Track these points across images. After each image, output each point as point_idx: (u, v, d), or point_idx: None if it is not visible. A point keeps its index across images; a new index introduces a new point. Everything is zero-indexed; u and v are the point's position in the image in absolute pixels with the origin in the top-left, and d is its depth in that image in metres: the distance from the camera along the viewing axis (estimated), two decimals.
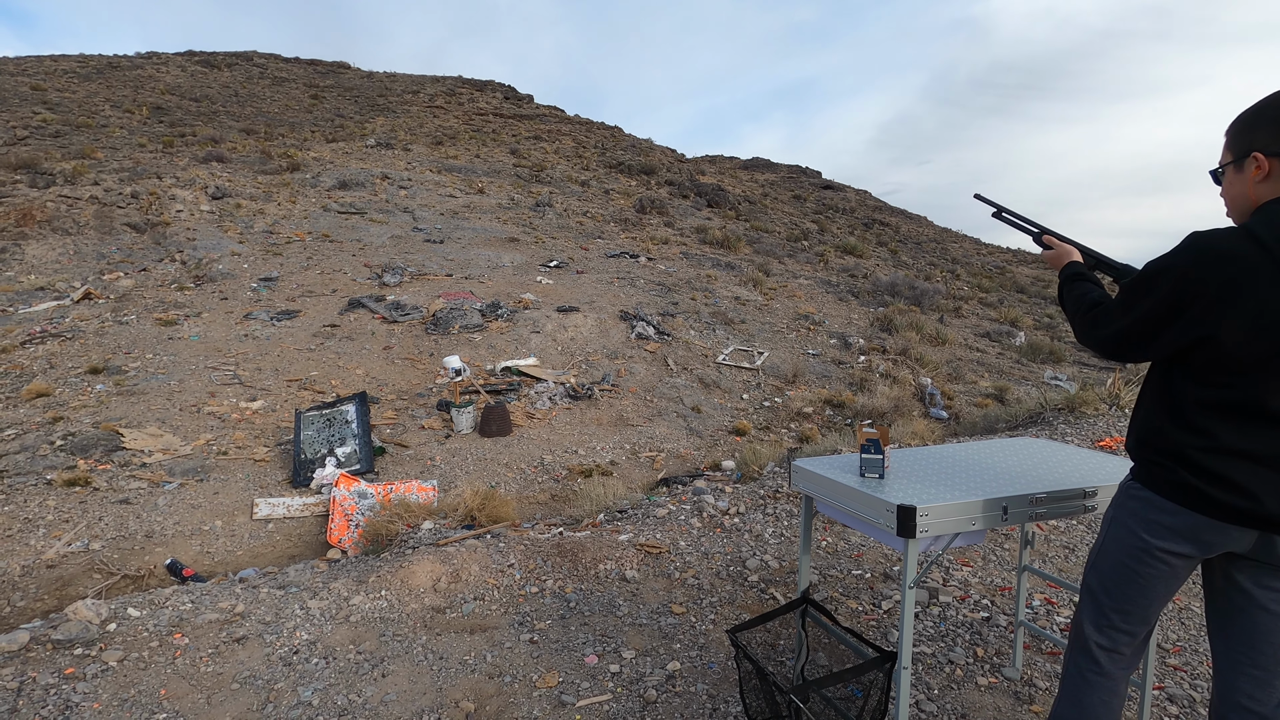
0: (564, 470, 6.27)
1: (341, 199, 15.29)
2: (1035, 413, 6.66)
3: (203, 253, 11.53)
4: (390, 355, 8.36)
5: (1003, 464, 2.17)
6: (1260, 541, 1.35)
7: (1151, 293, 1.39)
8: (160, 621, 2.94)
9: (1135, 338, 1.44)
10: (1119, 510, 1.53)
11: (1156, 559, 1.44)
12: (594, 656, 2.69)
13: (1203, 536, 1.39)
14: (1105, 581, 1.53)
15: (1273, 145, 1.32)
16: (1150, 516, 1.45)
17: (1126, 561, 1.49)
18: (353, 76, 34.42)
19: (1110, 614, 1.52)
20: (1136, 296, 1.42)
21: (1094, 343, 1.53)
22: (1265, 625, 1.39)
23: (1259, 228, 1.29)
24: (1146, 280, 1.40)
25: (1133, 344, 1.45)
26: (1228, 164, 1.42)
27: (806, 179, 33.90)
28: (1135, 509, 1.48)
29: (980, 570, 3.36)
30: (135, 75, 26.98)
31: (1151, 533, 1.44)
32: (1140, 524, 1.46)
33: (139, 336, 8.28)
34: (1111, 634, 1.52)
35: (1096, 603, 1.55)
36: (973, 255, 25.84)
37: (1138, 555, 1.47)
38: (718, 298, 11.85)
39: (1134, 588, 1.48)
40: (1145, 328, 1.41)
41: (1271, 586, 1.38)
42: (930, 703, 2.39)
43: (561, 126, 30.39)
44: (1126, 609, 1.50)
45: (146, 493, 5.20)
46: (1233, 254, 1.29)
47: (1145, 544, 1.45)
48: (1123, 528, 1.50)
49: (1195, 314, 1.33)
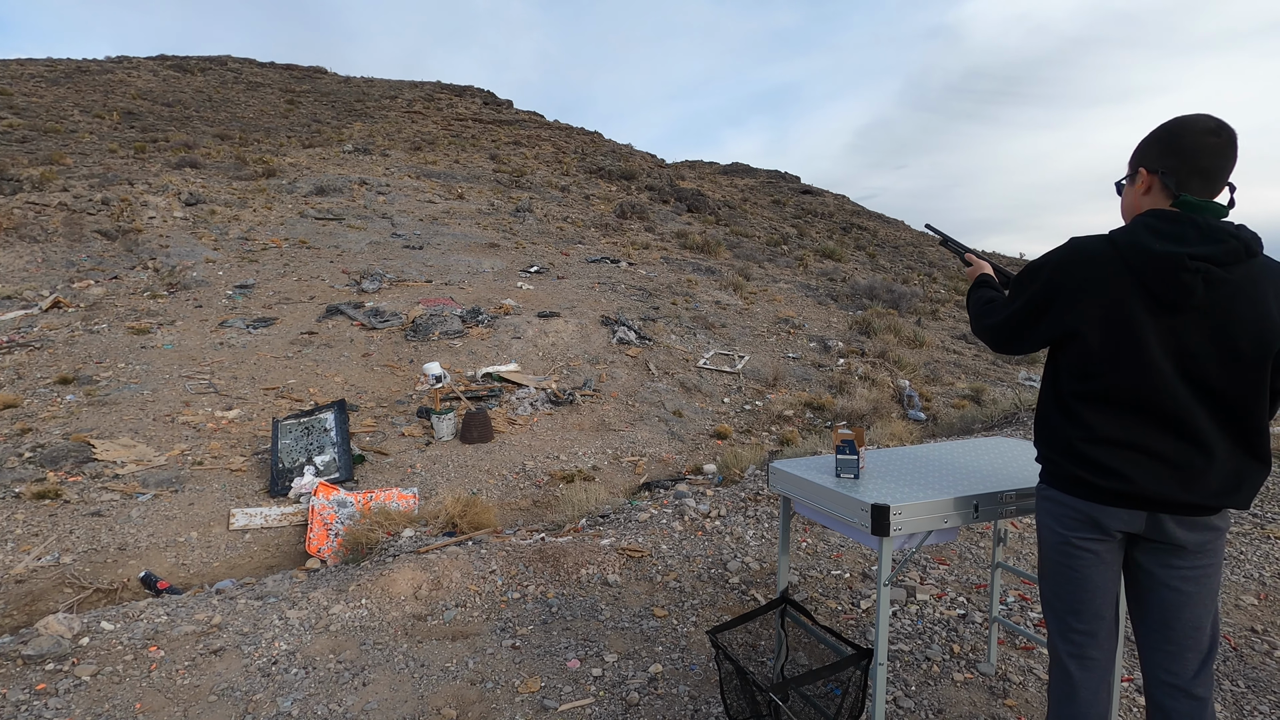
0: (546, 476, 6.26)
1: (319, 205, 15.14)
2: (1010, 413, 6.78)
3: (176, 260, 11.35)
4: (369, 362, 8.29)
5: (975, 463, 2.22)
6: (1150, 521, 1.46)
7: (1027, 287, 1.56)
8: (135, 634, 2.89)
9: (1013, 328, 1.62)
10: (1038, 513, 1.64)
11: (1077, 548, 1.53)
12: (576, 661, 2.70)
13: (1101, 521, 1.49)
14: (1052, 585, 1.60)
15: (1156, 163, 1.48)
16: (1058, 511, 1.56)
17: (1057, 559, 1.58)
18: (329, 81, 34.12)
19: (1066, 618, 1.58)
20: (1016, 291, 1.60)
21: (981, 330, 1.71)
22: (1172, 602, 1.49)
23: (1119, 233, 1.46)
24: (1025, 276, 1.58)
25: (1012, 333, 1.63)
26: (1125, 178, 1.58)
27: (786, 184, 34.20)
28: (1047, 507, 1.59)
29: (957, 568, 3.42)
30: (105, 80, 26.51)
31: (1064, 525, 1.55)
32: (1054, 520, 1.57)
33: (110, 346, 8.13)
34: (1075, 639, 1.58)
35: (1054, 612, 1.61)
36: (949, 259, 26.23)
37: (1062, 550, 1.56)
38: (698, 302, 11.91)
39: (1073, 584, 1.55)
40: (1021, 319, 1.59)
41: (1172, 565, 1.48)
42: (908, 699, 2.43)
43: (541, 132, 30.37)
44: (1076, 608, 1.56)
45: (119, 504, 5.11)
46: (1092, 255, 1.46)
47: (1063, 537, 1.55)
48: (1045, 528, 1.61)
49: (1058, 310, 1.50)
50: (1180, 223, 1.41)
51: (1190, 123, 1.44)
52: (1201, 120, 1.44)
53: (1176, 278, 1.37)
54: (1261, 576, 3.15)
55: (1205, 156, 1.43)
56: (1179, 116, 1.48)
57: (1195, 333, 1.40)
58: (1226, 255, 1.37)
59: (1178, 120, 1.47)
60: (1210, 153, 1.42)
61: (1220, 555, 1.50)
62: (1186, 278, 1.36)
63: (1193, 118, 1.45)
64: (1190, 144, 1.43)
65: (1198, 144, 1.43)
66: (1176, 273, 1.37)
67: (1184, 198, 1.43)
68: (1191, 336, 1.40)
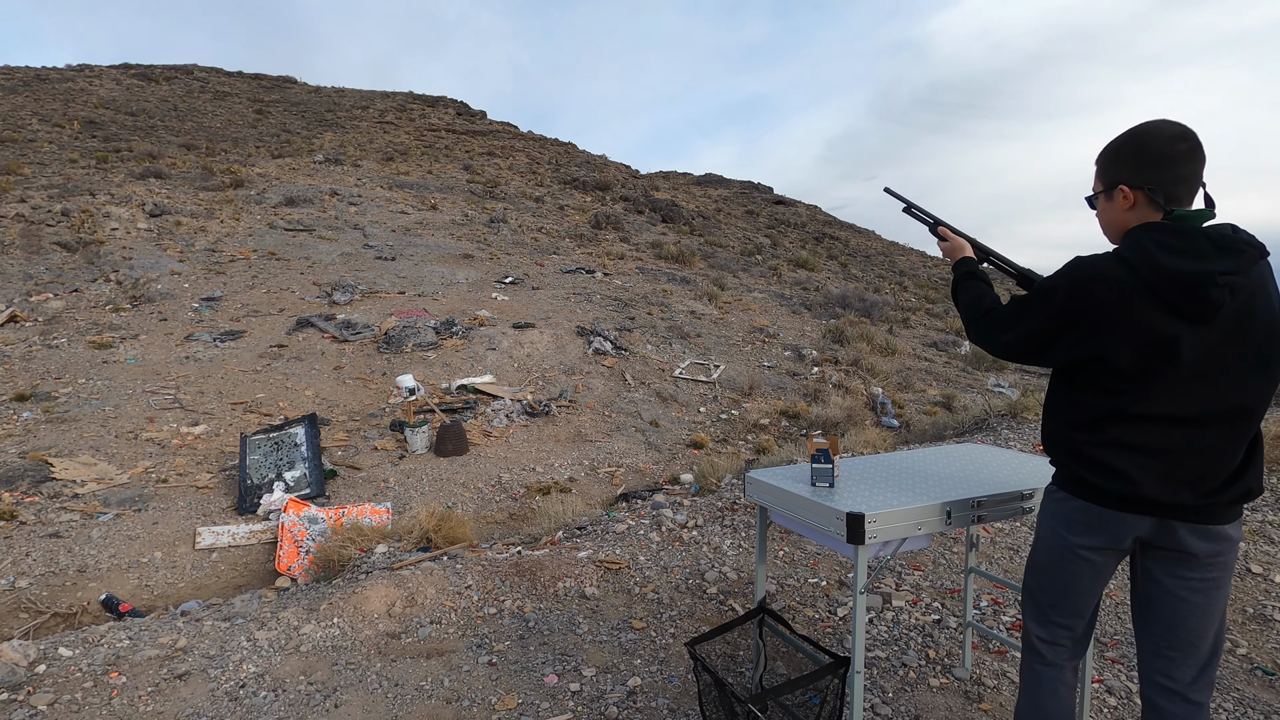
0: (522, 488, 6.21)
1: (289, 216, 14.91)
2: (980, 419, 6.90)
3: (140, 272, 11.08)
4: (341, 375, 8.16)
5: (947, 470, 2.25)
6: (1159, 527, 1.46)
7: (1041, 310, 1.51)
8: (95, 660, 2.79)
9: (1028, 348, 1.57)
10: (1044, 513, 1.65)
11: (1078, 555, 1.54)
12: (554, 676, 2.67)
13: (1109, 528, 1.49)
14: (1040, 579, 1.63)
15: (1135, 179, 1.45)
16: (1067, 515, 1.55)
17: (1054, 560, 1.59)
18: (299, 91, 33.72)
19: (1046, 609, 1.62)
20: (1028, 311, 1.54)
21: (989, 346, 1.66)
22: (1178, 611, 1.50)
23: (1129, 253, 1.41)
24: (1038, 298, 1.52)
25: (1026, 352, 1.58)
26: (1099, 192, 1.55)
27: (759, 194, 34.58)
28: (1055, 510, 1.59)
29: (931, 574, 3.46)
30: (66, 88, 25.88)
31: (1071, 530, 1.55)
32: (1061, 523, 1.57)
33: (70, 360, 7.89)
34: (1051, 628, 1.62)
35: (1035, 600, 1.65)
36: (919, 268, 26.72)
37: (1062, 553, 1.57)
38: (674, 312, 11.96)
39: (1062, 584, 1.58)
40: (1036, 341, 1.54)
41: (1180, 575, 1.48)
42: (885, 705, 2.44)
43: (515, 143, 30.33)
44: (1058, 603, 1.60)
45: (79, 525, 4.95)
46: (1108, 278, 1.41)
47: (1067, 542, 1.55)
48: (1047, 529, 1.61)
49: (1080, 333, 1.45)
50: (1193, 237, 1.38)
51: (1155, 131, 1.43)
52: (1165, 127, 1.43)
53: (1206, 294, 1.34)
54: None
55: (1181, 164, 1.41)
56: (1140, 126, 1.46)
57: (1221, 341, 1.39)
58: (1247, 264, 1.37)
59: (1142, 130, 1.45)
60: (1184, 159, 1.41)
61: (1231, 568, 1.48)
62: (1216, 293, 1.34)
63: (1155, 125, 1.44)
64: (1163, 154, 1.42)
65: (1170, 152, 1.42)
66: (1206, 289, 1.34)
67: (1177, 213, 1.42)
68: (1217, 343, 1.39)
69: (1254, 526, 3.66)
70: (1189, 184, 1.42)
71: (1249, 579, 3.21)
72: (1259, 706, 2.40)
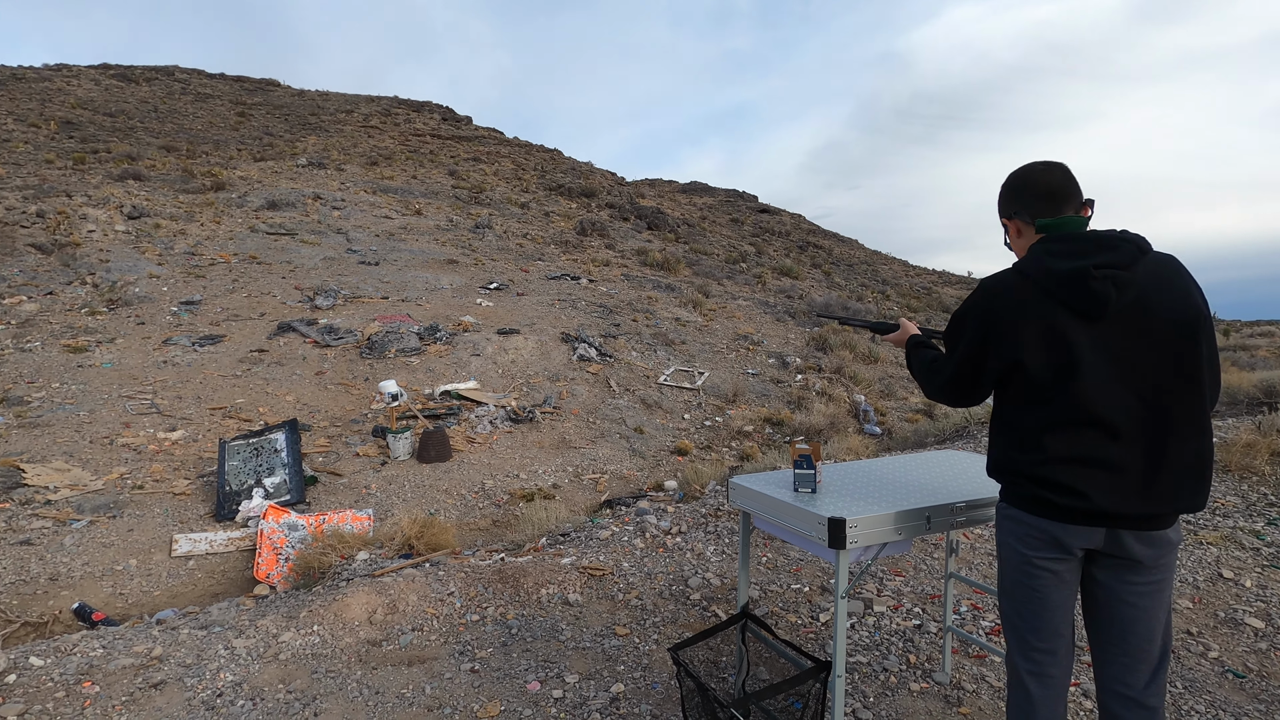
0: (506, 495, 6.18)
1: (270, 219, 14.77)
2: (961, 426, 6.99)
3: (117, 275, 10.91)
4: (323, 381, 8.08)
5: (927, 476, 2.29)
6: (1109, 537, 1.51)
7: (962, 334, 1.64)
8: (67, 670, 2.74)
9: (965, 378, 1.66)
10: (999, 532, 1.68)
11: (1039, 568, 1.57)
12: (537, 683, 2.66)
13: (1062, 540, 1.53)
14: (1013, 603, 1.64)
15: (1008, 209, 1.68)
16: (1020, 531, 1.60)
17: (1019, 578, 1.61)
18: (282, 94, 33.46)
19: (1028, 637, 1.61)
20: (953, 340, 1.68)
21: (936, 391, 1.76)
22: (1128, 616, 1.54)
23: (1024, 263, 1.57)
24: (955, 325, 1.67)
25: (964, 378, 1.67)
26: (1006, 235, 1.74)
27: (744, 202, 34.80)
28: (1009, 527, 1.63)
29: (912, 579, 3.49)
30: (43, 87, 25.47)
31: (1027, 545, 1.58)
32: (1016, 539, 1.61)
33: (44, 364, 7.74)
34: (1035, 657, 1.61)
35: (1015, 630, 1.64)
36: (902, 277, 27.03)
37: (1023, 569, 1.59)
38: (659, 319, 11.99)
39: (1035, 602, 1.59)
40: (969, 366, 1.64)
41: (1129, 581, 1.53)
42: (866, 710, 2.46)
43: (501, 149, 30.30)
44: (1036, 626, 1.60)
45: (51, 532, 4.85)
46: (1008, 287, 1.56)
47: (1025, 557, 1.59)
48: (1006, 547, 1.64)
49: (995, 343, 1.56)
50: (1074, 240, 1.51)
51: (1021, 169, 1.65)
52: (1030, 164, 1.64)
53: (1088, 288, 1.45)
54: (1196, 581, 3.30)
55: (1039, 183, 1.60)
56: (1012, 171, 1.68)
57: (1123, 338, 1.47)
58: (1125, 258, 1.46)
59: (1011, 173, 1.67)
60: (1040, 177, 1.60)
61: (1173, 570, 1.55)
62: (1097, 285, 1.44)
63: (1024, 166, 1.65)
64: (1022, 181, 1.63)
65: (1028, 178, 1.62)
66: (1085, 282, 1.45)
67: (1040, 222, 1.58)
68: (1120, 342, 1.47)
69: (1226, 533, 3.74)
70: (1051, 199, 1.58)
71: (1221, 584, 3.28)
72: (1230, 708, 2.45)
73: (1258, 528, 3.78)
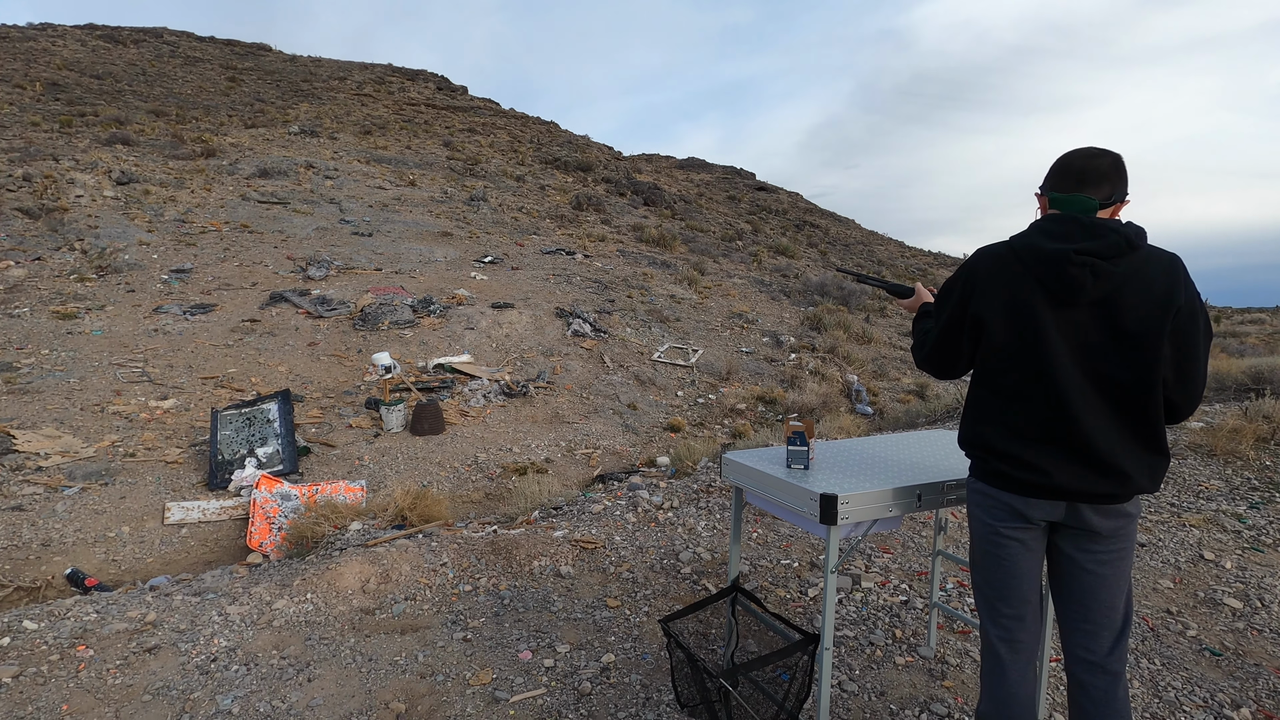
0: (498, 468, 6.20)
1: (262, 188, 14.57)
2: (952, 407, 7.04)
3: (106, 242, 10.77)
4: (315, 352, 8.05)
5: (918, 455, 2.30)
6: (1069, 510, 1.56)
7: (949, 299, 1.69)
8: (61, 634, 2.75)
9: (948, 344, 1.71)
10: (969, 505, 1.73)
11: (1005, 538, 1.63)
12: (528, 652, 2.69)
13: (1024, 512, 1.59)
14: (982, 572, 1.70)
15: (1043, 187, 1.66)
16: (986, 503, 1.66)
17: (987, 548, 1.67)
18: (274, 59, 32.80)
19: (996, 604, 1.67)
20: (940, 305, 1.73)
21: (924, 359, 1.80)
22: (1089, 584, 1.60)
23: (1016, 238, 1.61)
24: (944, 291, 1.72)
25: (949, 350, 1.72)
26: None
27: (741, 180, 34.55)
28: (977, 499, 1.69)
29: (900, 556, 3.54)
30: (27, 47, 24.87)
31: (993, 516, 1.64)
32: (984, 511, 1.67)
33: (33, 330, 7.67)
34: (1004, 623, 1.67)
35: (984, 598, 1.70)
36: (897, 257, 27.00)
37: (991, 539, 1.65)
38: (654, 296, 11.96)
39: (1001, 571, 1.65)
40: (951, 333, 1.69)
41: (1089, 550, 1.59)
42: (852, 682, 2.51)
43: (496, 120, 29.89)
44: (1004, 594, 1.66)
45: (43, 498, 4.85)
46: (991, 255, 1.62)
47: (992, 527, 1.65)
48: (975, 519, 1.70)
49: (971, 300, 1.62)
50: (1067, 223, 1.53)
51: (1068, 152, 1.65)
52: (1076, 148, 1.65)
53: (1064, 271, 1.48)
54: (1177, 561, 3.36)
55: (1073, 164, 1.59)
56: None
57: (1092, 325, 1.50)
58: (1109, 249, 1.47)
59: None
60: (1070, 156, 1.60)
61: (1133, 540, 1.60)
62: (1074, 271, 1.47)
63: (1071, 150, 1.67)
64: (1058, 160, 1.63)
65: (1064, 157, 1.62)
66: (1064, 266, 1.48)
67: (1051, 196, 1.61)
68: (1089, 329, 1.50)
69: (1209, 515, 3.80)
70: (1077, 178, 1.58)
71: (1202, 565, 3.34)
72: (1205, 684, 2.51)
73: (1240, 511, 3.84)
